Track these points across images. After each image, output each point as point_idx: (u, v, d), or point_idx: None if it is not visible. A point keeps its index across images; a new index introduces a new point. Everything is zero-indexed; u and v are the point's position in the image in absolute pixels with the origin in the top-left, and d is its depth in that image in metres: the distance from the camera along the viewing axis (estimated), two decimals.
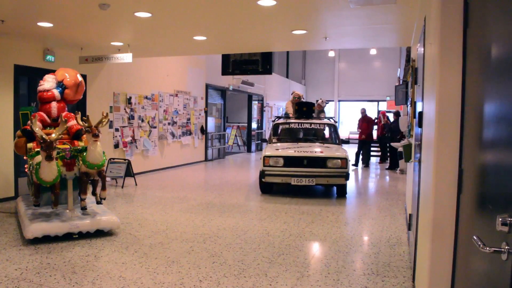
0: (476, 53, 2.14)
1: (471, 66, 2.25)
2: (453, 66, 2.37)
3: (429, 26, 3.23)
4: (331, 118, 10.22)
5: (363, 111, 14.26)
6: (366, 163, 13.98)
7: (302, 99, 10.46)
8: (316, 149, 8.26)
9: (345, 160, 7.89)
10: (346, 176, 7.92)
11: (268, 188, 8.71)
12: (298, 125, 9.43)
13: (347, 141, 9.60)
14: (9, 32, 6.97)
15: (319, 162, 7.87)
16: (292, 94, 10.72)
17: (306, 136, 9.53)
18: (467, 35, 2.31)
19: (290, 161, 7.94)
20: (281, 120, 9.85)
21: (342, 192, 8.41)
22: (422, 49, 3.84)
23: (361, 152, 13.89)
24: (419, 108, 3.95)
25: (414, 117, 4.83)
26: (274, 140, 9.20)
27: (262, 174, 8.04)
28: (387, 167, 13.57)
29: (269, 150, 8.30)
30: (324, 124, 9.58)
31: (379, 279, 4.11)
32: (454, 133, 2.36)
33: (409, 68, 7.28)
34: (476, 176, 2.04)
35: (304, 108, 9.69)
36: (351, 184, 10.29)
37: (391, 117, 15.42)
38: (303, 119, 9.53)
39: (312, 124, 9.37)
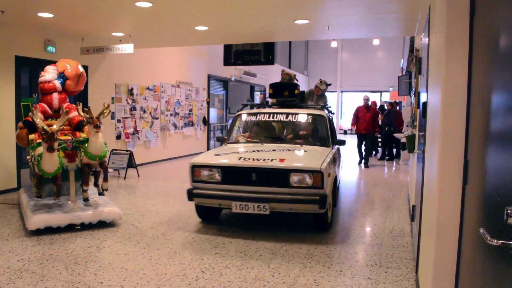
0: (483, 42, 2.10)
1: (477, 55, 2.20)
2: (459, 55, 2.33)
3: (434, 14, 3.18)
4: (325, 106, 7.33)
5: (367, 99, 12.14)
6: (366, 162, 11.77)
7: (295, 81, 7.59)
8: (278, 155, 5.23)
9: (319, 175, 4.76)
10: (321, 202, 4.72)
11: (210, 213, 5.79)
12: (269, 117, 6.37)
13: (342, 142, 6.29)
14: (9, 22, 6.92)
15: (277, 177, 4.90)
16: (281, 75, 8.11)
17: (282, 133, 6.60)
18: (473, 23, 2.26)
19: (231, 174, 5.05)
20: (246, 111, 6.73)
21: (321, 222, 5.24)
22: (427, 38, 3.79)
23: (363, 148, 11.96)
24: (423, 98, 3.91)
25: (418, 107, 4.79)
26: (234, 139, 6.43)
27: (190, 194, 5.17)
28: (379, 157, 13.52)
29: (203, 156, 5.49)
30: (310, 115, 6.39)
31: (382, 270, 4.09)
32: (460, 123, 2.32)
33: (412, 58, 7.22)
34: (482, 167, 2.00)
35: (285, 93, 6.87)
36: (351, 178, 10.22)
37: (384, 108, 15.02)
38: (282, 107, 6.71)
39: (290, 116, 6.29)
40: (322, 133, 6.23)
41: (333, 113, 7.64)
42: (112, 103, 9.97)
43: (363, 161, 11.88)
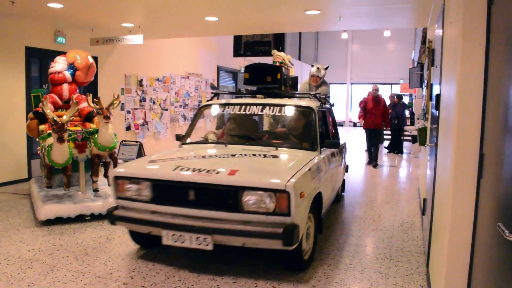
0: (501, 32, 2.04)
1: (494, 46, 2.14)
2: (476, 46, 2.27)
3: (449, 4, 3.11)
4: (322, 96, 5.56)
5: (376, 89, 10.52)
6: (376, 161, 10.39)
7: (290, 65, 6.48)
8: (231, 164, 3.77)
9: (284, 195, 3.31)
10: (287, 235, 3.28)
11: (148, 237, 4.18)
12: (239, 110, 4.81)
13: (334, 144, 4.58)
14: (19, 13, 6.93)
15: (223, 196, 3.47)
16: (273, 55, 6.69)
17: (255, 131, 5.26)
18: (491, 12, 2.19)
19: (162, 190, 3.67)
20: (212, 102, 5.23)
21: (292, 260, 3.76)
22: (441, 29, 3.71)
23: (372, 144, 10.51)
24: (436, 90, 3.84)
25: (431, 99, 4.72)
26: (204, 137, 5.13)
27: (111, 217, 3.83)
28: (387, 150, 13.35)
29: (131, 164, 4.12)
30: (293, 107, 4.81)
31: (392, 264, 4.06)
32: (476, 116, 2.27)
33: (425, 50, 7.12)
34: (498, 161, 1.96)
35: (268, 78, 5.11)
36: (359, 170, 10.16)
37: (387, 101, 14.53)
38: (260, 97, 5.17)
39: (265, 109, 4.76)
40: (308, 132, 4.66)
41: (332, 105, 6.07)
42: (122, 94, 9.98)
43: (373, 160, 10.40)
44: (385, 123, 10.56)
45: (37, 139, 6.21)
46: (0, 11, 6.69)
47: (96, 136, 5.47)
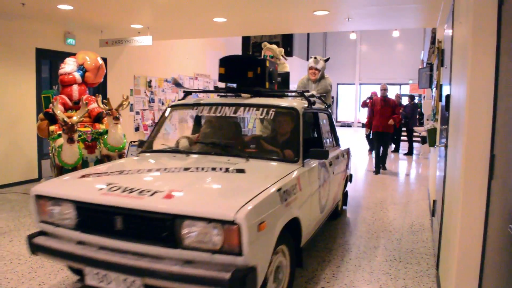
0: (511, 32, 2.02)
1: (505, 46, 2.13)
2: (487, 46, 2.25)
3: (459, 4, 3.09)
4: (317, 95, 4.97)
5: (385, 89, 9.61)
6: (383, 165, 9.69)
7: (283, 59, 6.05)
8: (175, 182, 3.04)
9: (234, 228, 2.41)
10: (237, 283, 2.39)
11: None
12: (212, 111, 4.04)
13: (322, 154, 3.73)
14: (30, 15, 6.99)
15: (157, 227, 2.61)
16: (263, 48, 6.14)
17: (226, 137, 4.22)
18: (502, 12, 2.18)
19: (86, 215, 2.85)
20: (179, 102, 4.54)
21: None
22: (450, 29, 3.69)
23: (381, 149, 9.58)
24: (446, 91, 3.82)
25: (440, 100, 4.69)
26: (177, 142, 4.33)
27: (31, 245, 3.07)
28: (405, 152, 13.23)
29: (56, 181, 3.38)
30: (273, 109, 3.92)
31: (401, 266, 4.04)
32: (486, 117, 2.25)
33: (434, 50, 7.09)
34: (510, 162, 1.94)
35: (250, 74, 4.18)
36: (367, 172, 10.11)
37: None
38: (246, 96, 4.25)
39: (239, 110, 3.94)
40: (289, 139, 3.87)
41: (328, 105, 5.28)
42: (131, 95, 10.03)
43: (380, 167, 9.55)
44: (395, 124, 9.78)
45: (47, 140, 6.26)
46: (10, 13, 6.76)
47: (105, 136, 5.52)
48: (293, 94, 4.67)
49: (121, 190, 2.80)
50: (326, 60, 6.05)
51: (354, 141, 14.43)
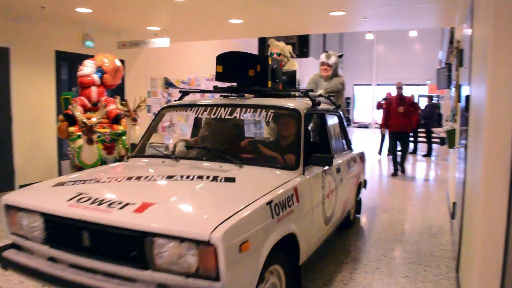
0: None
1: None
2: (508, 45, 2.21)
3: (479, 3, 3.05)
4: (324, 95, 4.75)
5: (400, 86, 9.19)
6: (402, 168, 9.23)
7: (292, 55, 5.73)
8: (152, 193, 2.73)
9: (210, 250, 2.09)
10: None
11: None
12: (203, 114, 3.74)
13: (325, 160, 3.36)
14: (49, 18, 7.11)
15: (125, 245, 2.30)
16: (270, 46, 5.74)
17: (221, 142, 3.89)
18: None
19: (55, 229, 2.56)
20: (176, 102, 4.15)
21: None
22: (470, 29, 3.64)
23: (398, 149, 9.16)
24: (465, 91, 3.76)
25: (459, 101, 4.63)
26: (172, 145, 3.89)
27: (1, 259, 2.76)
28: (424, 153, 13.05)
29: (28, 189, 3.08)
30: (271, 110, 3.53)
31: (420, 269, 3.99)
32: (508, 117, 2.21)
33: (452, 50, 7.00)
34: None
35: (250, 71, 3.81)
36: (384, 173, 10.02)
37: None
38: (249, 97, 3.92)
39: (235, 112, 3.58)
40: (289, 144, 3.49)
41: (338, 106, 4.83)
42: (148, 96, 10.12)
43: (399, 169, 9.16)
44: (411, 124, 9.23)
45: (67, 141, 6.35)
46: (31, 16, 6.88)
47: (124, 137, 5.57)
48: (297, 94, 4.38)
49: (90, 201, 2.51)
50: (340, 56, 5.69)
51: (371, 143, 14.29)
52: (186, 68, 11.46)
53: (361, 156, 5.37)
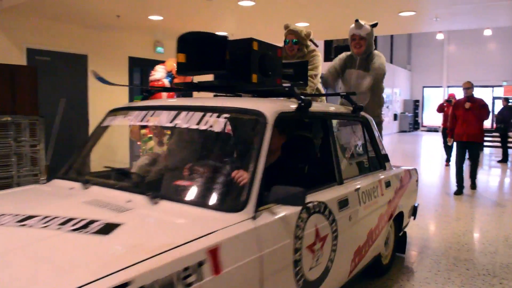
0: None
1: None
2: None
3: None
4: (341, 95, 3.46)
5: (469, 86, 7.19)
6: (473, 182, 7.72)
7: (312, 45, 4.36)
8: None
9: None
10: None
11: None
12: (142, 121, 2.68)
13: (296, 200, 2.01)
14: (124, 26, 7.50)
15: None
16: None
17: (198, 158, 2.82)
18: None
19: None
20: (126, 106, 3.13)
21: None
22: None
23: (469, 164, 7.63)
24: None
25: None
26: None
27: None
28: (499, 159, 12.26)
29: None
30: (224, 115, 2.28)
31: (496, 281, 3.77)
32: None
33: None
34: None
35: (226, 56, 2.64)
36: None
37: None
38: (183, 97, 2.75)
39: (177, 118, 2.42)
40: (240, 169, 2.26)
41: (358, 107, 3.28)
42: None
43: (463, 187, 7.44)
44: (482, 133, 7.38)
45: (138, 143, 6.64)
46: (107, 25, 7.29)
47: None
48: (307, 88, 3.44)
49: None
50: (374, 26, 4.33)
51: (439, 149, 13.51)
52: None
53: (408, 175, 4.04)
